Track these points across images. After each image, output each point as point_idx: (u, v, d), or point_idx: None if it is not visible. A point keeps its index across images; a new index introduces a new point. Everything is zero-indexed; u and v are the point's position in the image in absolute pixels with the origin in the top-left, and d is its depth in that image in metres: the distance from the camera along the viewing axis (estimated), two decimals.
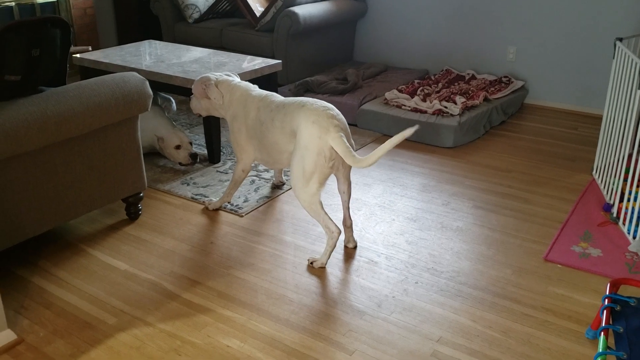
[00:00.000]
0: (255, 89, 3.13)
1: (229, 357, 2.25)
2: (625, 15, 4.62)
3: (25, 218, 2.63)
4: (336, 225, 2.77)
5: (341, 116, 2.76)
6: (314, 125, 2.66)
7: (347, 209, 2.95)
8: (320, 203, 2.75)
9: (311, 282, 2.70)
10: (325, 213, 2.76)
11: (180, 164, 3.86)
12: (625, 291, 2.54)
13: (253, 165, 3.94)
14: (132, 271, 2.79)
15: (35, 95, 2.58)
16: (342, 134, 2.64)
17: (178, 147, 3.81)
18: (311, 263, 2.83)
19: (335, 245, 2.80)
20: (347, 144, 2.62)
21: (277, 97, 3.02)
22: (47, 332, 2.38)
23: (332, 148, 2.63)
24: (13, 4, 5.47)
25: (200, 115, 3.39)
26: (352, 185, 3.65)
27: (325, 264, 2.81)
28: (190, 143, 3.86)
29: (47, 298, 2.59)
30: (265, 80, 4.18)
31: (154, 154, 4.06)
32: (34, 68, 2.59)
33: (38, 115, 2.49)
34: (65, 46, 2.73)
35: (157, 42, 4.90)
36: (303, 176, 2.69)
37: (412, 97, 4.61)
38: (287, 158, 2.90)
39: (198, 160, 3.95)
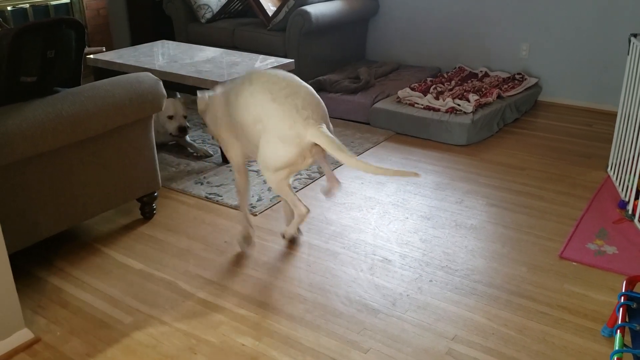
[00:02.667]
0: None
1: (244, 355, 2.26)
2: None
3: (41, 218, 2.65)
4: (305, 205, 2.73)
5: (314, 98, 2.63)
6: (285, 119, 2.52)
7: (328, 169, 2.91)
8: (289, 185, 2.70)
9: (325, 280, 2.71)
10: (294, 194, 2.73)
11: (170, 134, 4.01)
12: None
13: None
14: (147, 270, 2.81)
15: (50, 96, 2.61)
16: (322, 123, 2.55)
17: (171, 117, 3.97)
18: (283, 236, 3.02)
19: (302, 222, 2.85)
20: (332, 137, 2.50)
21: (246, 78, 2.80)
22: (63, 331, 2.40)
23: (313, 145, 2.54)
24: (27, 5, 5.52)
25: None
26: (365, 183, 3.65)
27: (295, 234, 2.99)
28: (185, 117, 4.02)
29: (63, 297, 2.62)
30: None
31: (166, 152, 4.08)
32: (49, 69, 2.61)
33: (53, 116, 2.52)
34: (79, 47, 2.76)
35: (170, 42, 4.92)
36: (273, 166, 2.58)
37: (425, 95, 4.60)
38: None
39: (187, 133, 4.08)
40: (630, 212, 3.17)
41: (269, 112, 2.53)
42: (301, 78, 5.19)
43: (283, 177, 2.63)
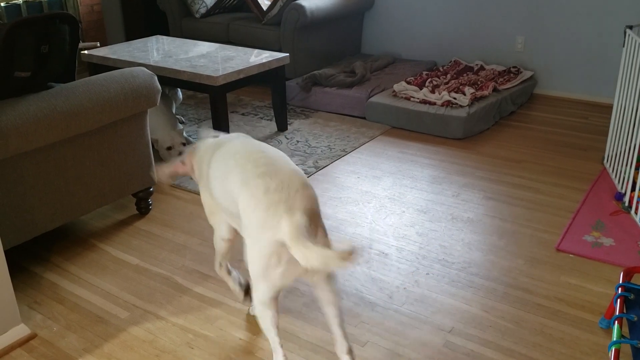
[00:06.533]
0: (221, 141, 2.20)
1: (242, 350, 2.25)
2: (635, 3, 4.58)
3: (36, 214, 2.64)
4: (285, 355, 1.97)
5: (303, 182, 1.86)
6: (267, 212, 1.77)
7: (337, 326, 1.99)
8: (271, 319, 1.92)
9: None
10: (276, 335, 1.95)
11: None
12: (639, 280, 2.53)
13: None
14: (143, 266, 2.80)
15: (44, 91, 2.59)
16: (304, 216, 1.75)
17: (169, 148, 3.86)
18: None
19: None
20: (301, 227, 1.72)
21: (230, 141, 2.14)
22: (60, 327, 2.39)
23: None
24: (20, 1, 5.49)
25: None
26: (361, 177, 3.64)
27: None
28: (184, 144, 3.89)
29: (59, 293, 2.61)
30: (273, 74, 4.17)
31: None
32: (43, 64, 2.60)
33: (48, 112, 2.50)
34: (74, 42, 2.74)
35: (165, 37, 4.90)
36: (252, 275, 1.88)
37: (421, 89, 4.59)
38: None
39: None
40: (626, 204, 3.17)
41: (239, 195, 1.89)
42: (296, 72, 5.23)
43: (261, 294, 1.88)
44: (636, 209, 3.08)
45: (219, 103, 3.79)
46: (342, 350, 2.00)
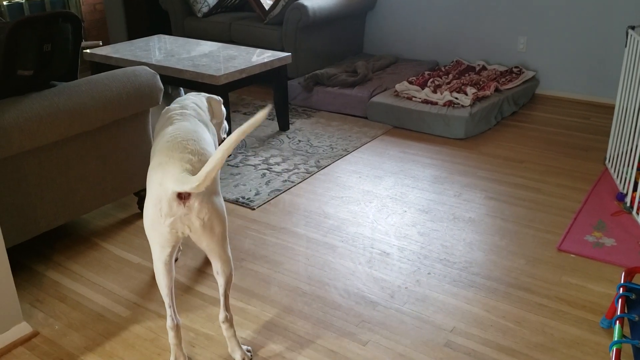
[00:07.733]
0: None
1: None
2: (637, 3, 4.57)
3: (39, 212, 2.64)
4: (173, 318, 2.07)
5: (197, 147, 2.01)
6: (159, 168, 1.92)
7: (221, 295, 2.10)
8: (166, 277, 2.03)
9: (323, 274, 2.71)
10: (169, 294, 2.05)
11: None
12: None
13: (261, 160, 3.95)
14: (145, 264, 2.80)
15: (47, 90, 2.60)
16: (188, 167, 1.90)
17: None
18: None
19: (174, 341, 2.11)
20: (181, 170, 1.87)
21: (179, 115, 2.23)
22: (62, 325, 2.40)
23: (173, 200, 1.87)
24: (23, 0, 5.50)
25: None
26: (363, 177, 3.64)
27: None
28: None
29: (61, 291, 2.61)
30: (275, 74, 4.18)
31: None
32: (46, 63, 2.60)
33: (51, 110, 2.51)
34: (76, 41, 2.75)
35: (167, 36, 4.90)
36: (145, 228, 1.99)
37: (423, 89, 4.59)
38: None
39: None
40: (628, 204, 3.17)
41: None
42: (298, 72, 5.23)
43: (155, 253, 2.01)
44: (638, 209, 3.08)
45: None
46: (220, 317, 2.13)
